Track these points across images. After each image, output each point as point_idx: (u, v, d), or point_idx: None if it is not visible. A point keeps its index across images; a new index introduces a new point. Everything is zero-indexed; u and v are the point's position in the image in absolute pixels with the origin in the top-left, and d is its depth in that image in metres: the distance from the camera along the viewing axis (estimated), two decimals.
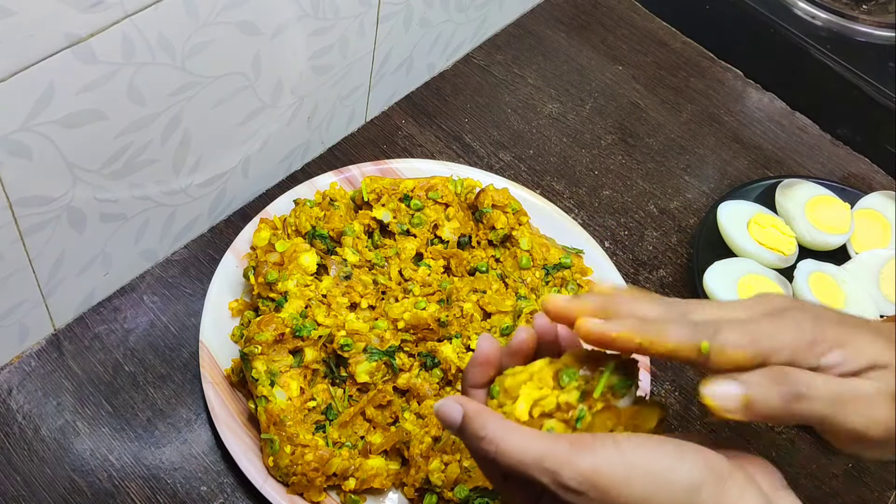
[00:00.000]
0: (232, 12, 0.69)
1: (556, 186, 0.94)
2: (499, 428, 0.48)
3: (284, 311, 0.71)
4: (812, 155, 1.01)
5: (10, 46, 0.56)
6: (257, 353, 0.70)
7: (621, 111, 1.02)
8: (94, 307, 0.78)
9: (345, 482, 0.69)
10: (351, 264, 0.76)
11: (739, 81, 1.07)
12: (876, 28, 1.05)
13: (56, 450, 0.71)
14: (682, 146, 0.99)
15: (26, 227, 0.66)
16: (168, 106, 0.70)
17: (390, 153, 0.93)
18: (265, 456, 0.69)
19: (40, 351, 0.76)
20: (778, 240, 0.89)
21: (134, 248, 0.78)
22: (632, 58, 1.07)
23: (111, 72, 0.63)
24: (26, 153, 0.62)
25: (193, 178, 0.78)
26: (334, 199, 0.81)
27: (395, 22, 0.88)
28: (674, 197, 0.95)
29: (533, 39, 1.06)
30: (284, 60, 0.78)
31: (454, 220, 0.81)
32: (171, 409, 0.74)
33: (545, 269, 0.81)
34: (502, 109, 0.99)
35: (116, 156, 0.69)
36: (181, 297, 0.80)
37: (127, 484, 0.70)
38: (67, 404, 0.73)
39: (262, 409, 0.69)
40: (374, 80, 0.91)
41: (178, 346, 0.77)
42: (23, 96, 0.59)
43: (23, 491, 0.69)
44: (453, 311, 0.74)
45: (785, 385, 0.46)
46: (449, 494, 0.68)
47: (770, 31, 1.04)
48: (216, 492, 0.71)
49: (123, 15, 0.61)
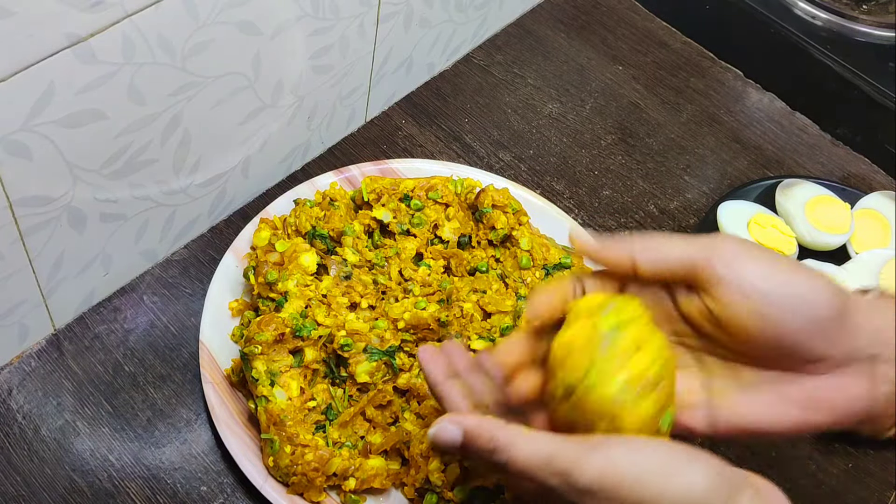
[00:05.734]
0: (232, 12, 0.69)
1: (556, 186, 0.94)
2: (507, 435, 0.48)
3: (284, 311, 0.71)
4: (812, 155, 1.01)
5: (10, 46, 0.56)
6: (257, 353, 0.70)
7: (621, 111, 1.02)
8: (94, 307, 0.78)
9: (345, 482, 0.69)
10: (351, 264, 0.76)
11: (739, 81, 1.07)
12: (876, 28, 1.05)
13: (56, 450, 0.71)
14: (682, 146, 1.00)
15: (26, 227, 0.67)
16: (168, 106, 0.70)
17: (390, 153, 0.93)
18: (265, 456, 0.69)
19: (40, 351, 0.76)
20: (778, 240, 0.89)
21: (134, 248, 0.78)
22: (632, 58, 1.07)
23: (111, 72, 0.63)
24: (26, 153, 0.62)
25: (193, 178, 0.78)
26: (334, 199, 0.81)
27: (395, 22, 0.88)
28: (674, 197, 0.95)
29: (533, 39, 1.06)
30: (284, 60, 0.78)
31: (454, 220, 0.81)
32: (171, 409, 0.74)
33: (545, 269, 0.81)
34: (502, 109, 0.99)
35: (116, 156, 0.69)
36: (181, 297, 0.80)
37: (127, 484, 0.70)
38: (67, 404, 0.73)
39: (262, 409, 0.69)
40: (374, 80, 0.91)
41: (178, 346, 0.77)
42: (23, 96, 0.59)
43: (23, 491, 0.69)
44: (453, 311, 0.74)
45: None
46: (449, 494, 0.68)
47: (770, 31, 1.04)
48: (216, 492, 0.71)
49: (123, 15, 0.61)
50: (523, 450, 0.47)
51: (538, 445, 0.47)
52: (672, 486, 0.45)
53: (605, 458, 0.46)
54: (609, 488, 0.45)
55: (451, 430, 0.49)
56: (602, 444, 0.46)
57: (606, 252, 0.52)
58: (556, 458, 0.46)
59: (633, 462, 0.45)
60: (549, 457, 0.46)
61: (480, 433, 0.48)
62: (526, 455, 0.47)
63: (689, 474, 0.45)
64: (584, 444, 0.46)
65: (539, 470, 0.46)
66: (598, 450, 0.46)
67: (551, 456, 0.46)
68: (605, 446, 0.46)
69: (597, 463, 0.45)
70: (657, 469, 0.45)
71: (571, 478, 0.45)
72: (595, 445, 0.46)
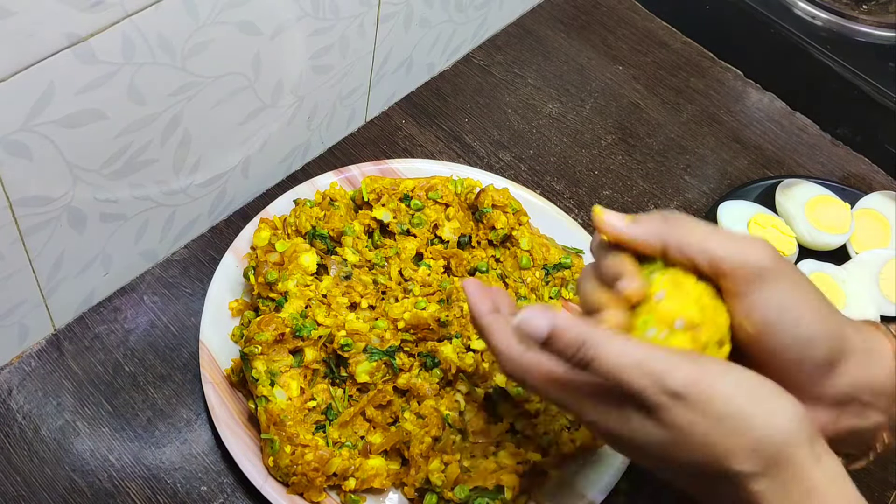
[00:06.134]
0: (232, 12, 0.69)
1: (556, 186, 0.94)
2: (598, 333, 0.47)
3: (284, 311, 0.71)
4: (812, 155, 1.01)
5: (10, 46, 0.56)
6: (257, 353, 0.70)
7: (621, 111, 1.02)
8: (94, 307, 0.78)
9: (345, 482, 0.69)
10: (351, 264, 0.76)
11: (739, 81, 1.07)
12: (876, 28, 1.05)
13: (56, 450, 0.71)
14: (682, 146, 1.00)
15: (26, 227, 0.67)
16: (168, 106, 0.70)
17: (390, 153, 0.93)
18: (265, 456, 0.69)
19: (40, 351, 0.76)
20: (778, 240, 0.89)
21: (134, 248, 0.78)
22: (632, 58, 1.07)
23: (111, 72, 0.63)
24: (26, 153, 0.62)
25: (193, 178, 0.78)
26: (334, 199, 0.81)
27: (395, 22, 0.88)
28: (674, 197, 0.95)
29: (533, 39, 1.06)
30: (284, 60, 0.78)
31: (454, 220, 0.81)
32: (171, 409, 0.74)
33: (545, 269, 0.81)
34: (502, 109, 0.99)
35: (116, 156, 0.69)
36: (181, 297, 0.80)
37: (127, 484, 0.70)
38: (67, 404, 0.73)
39: (262, 409, 0.69)
40: (374, 80, 0.91)
41: (178, 346, 0.77)
42: (23, 96, 0.59)
43: (23, 491, 0.69)
44: (453, 311, 0.74)
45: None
46: (449, 494, 0.68)
47: (770, 31, 1.04)
48: (216, 492, 0.71)
49: (123, 15, 0.61)
50: (615, 347, 0.46)
51: (631, 348, 0.46)
52: (759, 411, 0.45)
53: (700, 368, 0.45)
54: (700, 396, 0.45)
55: (540, 319, 0.48)
56: (697, 357, 0.46)
57: (635, 232, 0.52)
58: (649, 359, 0.46)
59: (728, 379, 0.45)
60: (643, 357, 0.46)
61: (570, 328, 0.47)
62: (617, 352, 0.46)
63: (777, 405, 0.46)
64: (678, 353, 0.46)
65: (629, 369, 0.45)
66: (693, 360, 0.46)
67: (645, 357, 0.46)
68: (700, 359, 0.46)
69: (692, 369, 0.45)
70: (747, 391, 0.45)
71: (664, 379, 0.45)
72: (690, 356, 0.46)
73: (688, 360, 0.46)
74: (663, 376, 0.45)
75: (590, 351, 0.46)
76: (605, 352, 0.46)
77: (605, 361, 0.46)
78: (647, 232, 0.51)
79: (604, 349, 0.46)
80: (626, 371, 0.46)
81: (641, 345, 0.47)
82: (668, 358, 0.46)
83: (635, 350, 0.46)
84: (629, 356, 0.46)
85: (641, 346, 0.47)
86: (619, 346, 0.46)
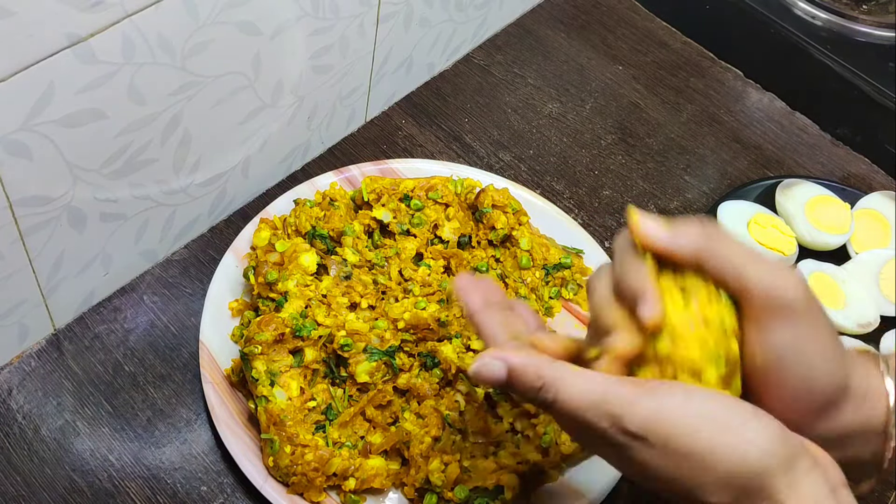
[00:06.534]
0: (232, 12, 0.69)
1: (556, 186, 0.94)
2: (554, 372, 0.45)
3: (284, 311, 0.71)
4: (812, 155, 1.01)
5: (10, 46, 0.56)
6: (257, 353, 0.70)
7: (621, 111, 1.02)
8: (94, 307, 0.78)
9: (345, 482, 0.69)
10: (351, 264, 0.76)
11: (739, 81, 1.07)
12: (876, 28, 1.05)
13: (56, 450, 0.71)
14: (682, 146, 1.00)
15: (26, 227, 0.66)
16: (168, 106, 0.70)
17: (390, 153, 0.93)
18: (265, 456, 0.69)
19: (40, 351, 0.76)
20: (778, 240, 0.89)
21: (134, 248, 0.78)
22: (632, 58, 1.07)
23: (111, 72, 0.63)
24: (26, 153, 0.62)
25: (193, 177, 0.78)
26: (334, 199, 0.81)
27: (395, 22, 0.88)
28: (674, 197, 0.95)
29: (533, 39, 1.06)
30: (284, 60, 0.78)
31: (454, 220, 0.81)
32: (171, 409, 0.74)
33: (545, 269, 0.81)
34: (502, 109, 0.99)
35: (116, 156, 0.69)
36: (181, 297, 0.80)
37: (127, 484, 0.70)
38: (67, 404, 0.73)
39: (262, 409, 0.69)
40: (374, 80, 0.91)
41: (178, 346, 0.77)
42: (23, 96, 0.59)
43: (23, 491, 0.69)
44: (453, 311, 0.74)
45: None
46: (449, 494, 0.68)
47: (770, 31, 1.04)
48: (216, 492, 0.71)
49: (123, 15, 0.61)
50: (573, 388, 0.44)
51: (589, 385, 0.44)
52: (726, 442, 0.42)
53: (659, 403, 0.43)
54: (660, 435, 0.42)
55: (495, 366, 0.47)
56: (657, 389, 0.44)
57: (673, 245, 0.48)
58: (607, 399, 0.43)
59: (690, 411, 0.43)
60: (600, 397, 0.44)
61: (526, 369, 0.46)
62: (575, 394, 0.44)
63: (747, 433, 0.43)
64: (638, 386, 0.44)
65: (588, 410, 0.44)
66: (652, 394, 0.43)
67: (603, 396, 0.44)
68: (660, 391, 0.43)
69: (651, 407, 0.43)
70: (713, 422, 0.43)
71: (622, 421, 0.43)
72: (650, 389, 0.43)
73: (648, 395, 0.43)
74: (622, 419, 0.43)
75: (549, 393, 0.45)
76: (565, 393, 0.45)
77: (565, 403, 0.45)
78: (685, 247, 0.48)
79: (564, 390, 0.45)
80: (587, 413, 0.44)
81: (601, 381, 0.45)
82: (628, 395, 0.44)
83: (594, 388, 0.44)
84: (587, 396, 0.44)
85: (601, 382, 0.45)
86: (579, 385, 0.45)
